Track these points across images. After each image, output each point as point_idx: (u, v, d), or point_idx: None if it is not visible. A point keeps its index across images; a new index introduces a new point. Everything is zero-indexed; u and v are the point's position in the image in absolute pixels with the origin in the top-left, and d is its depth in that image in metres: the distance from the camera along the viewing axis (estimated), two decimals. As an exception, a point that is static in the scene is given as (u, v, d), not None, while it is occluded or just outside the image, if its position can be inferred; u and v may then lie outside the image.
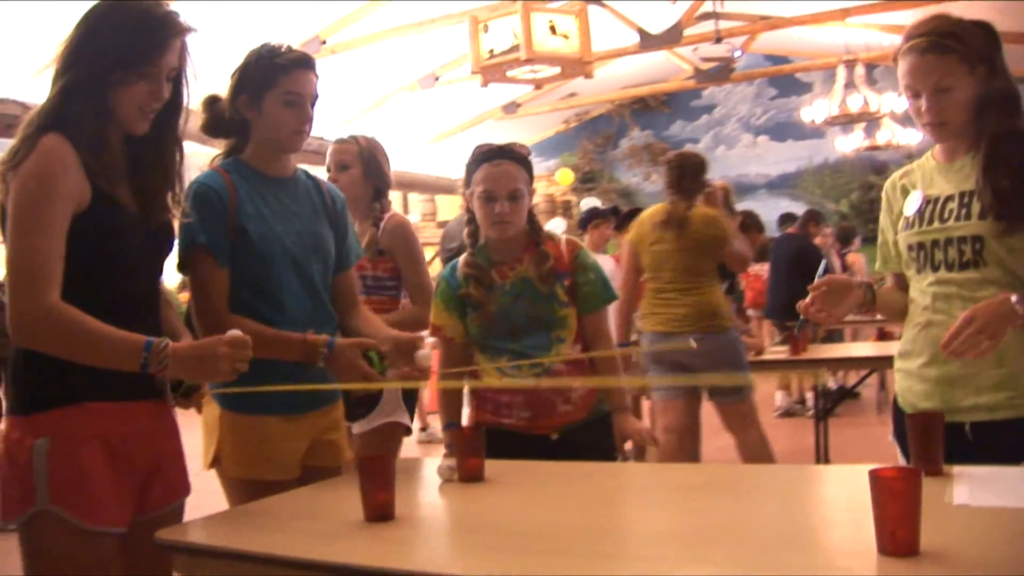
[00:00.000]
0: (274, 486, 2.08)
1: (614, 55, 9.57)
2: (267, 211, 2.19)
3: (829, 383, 7.55)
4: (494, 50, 6.63)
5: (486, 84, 7.11)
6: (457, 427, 2.50)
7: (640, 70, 11.84)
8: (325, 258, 2.28)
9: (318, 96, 2.21)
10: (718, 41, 8.74)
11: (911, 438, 1.80)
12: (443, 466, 2.06)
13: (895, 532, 1.31)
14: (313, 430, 2.24)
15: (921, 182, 2.12)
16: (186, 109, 1.91)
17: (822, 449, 5.38)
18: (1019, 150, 1.96)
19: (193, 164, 2.18)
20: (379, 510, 1.70)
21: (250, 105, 2.19)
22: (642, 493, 2.04)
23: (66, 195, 1.70)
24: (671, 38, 8.68)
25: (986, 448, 1.94)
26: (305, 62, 2.20)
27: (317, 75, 2.21)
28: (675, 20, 8.61)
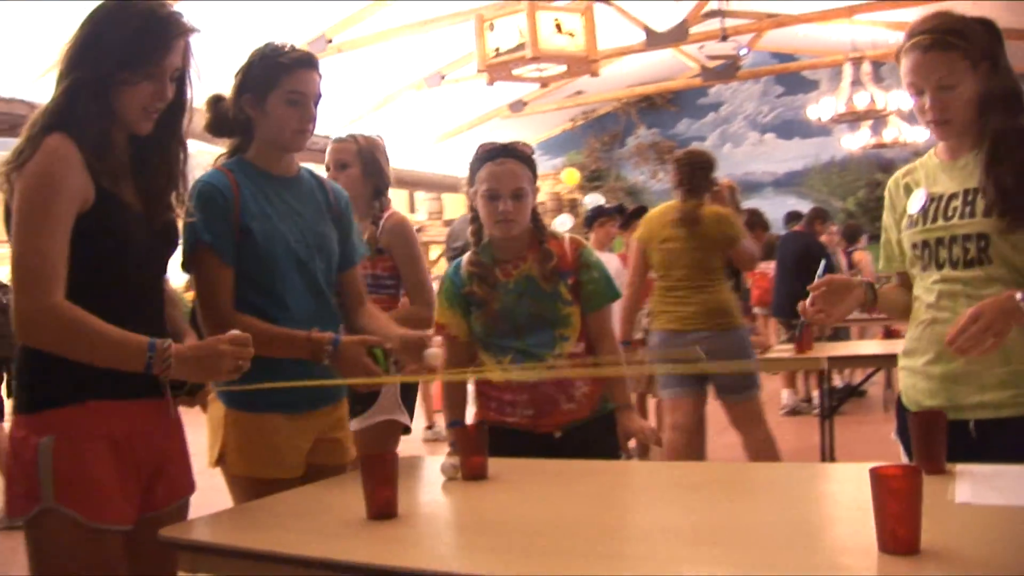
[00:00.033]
0: (278, 484, 2.09)
1: (620, 53, 9.58)
2: (271, 210, 2.19)
3: (835, 381, 7.53)
4: (500, 48, 6.63)
5: (492, 82, 7.12)
6: (461, 425, 2.50)
7: (646, 68, 11.84)
8: (329, 257, 2.29)
9: (321, 95, 2.21)
10: (724, 39, 8.74)
11: (913, 436, 1.80)
12: (446, 464, 2.06)
13: (896, 530, 1.31)
14: (317, 428, 2.25)
15: (925, 180, 2.11)
16: (190, 108, 1.92)
17: (827, 447, 5.37)
18: (1023, 147, 1.96)
19: (199, 163, 2.19)
20: (381, 508, 1.70)
21: (254, 104, 2.19)
22: (646, 491, 2.04)
23: (70, 195, 1.70)
24: (677, 36, 8.67)
25: (991, 446, 1.93)
26: (308, 61, 2.20)
27: (320, 74, 2.22)
28: (681, 18, 8.60)
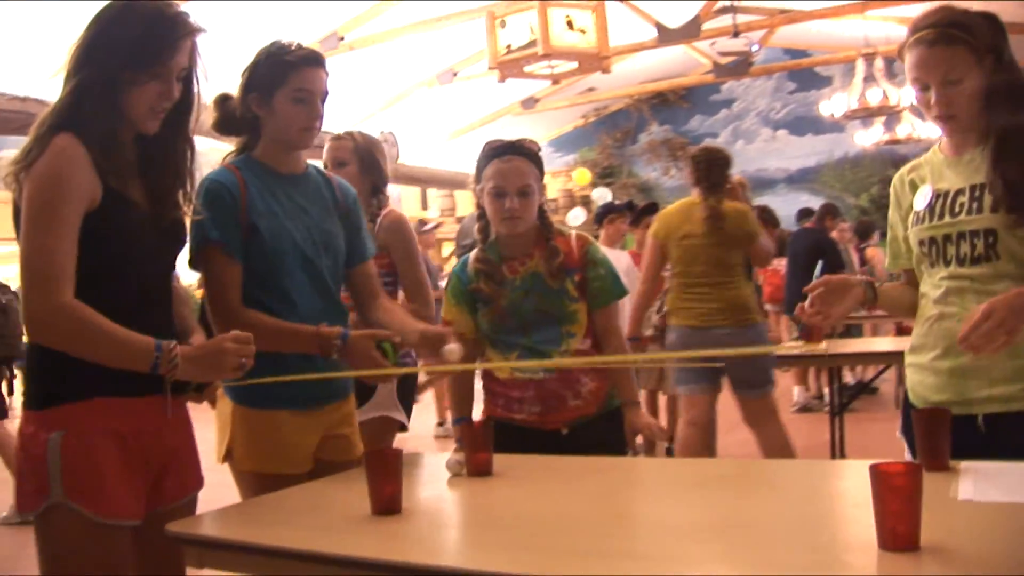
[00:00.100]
0: (285, 480, 2.10)
1: (632, 50, 9.57)
2: (278, 208, 2.20)
3: (847, 378, 7.52)
4: (511, 45, 6.64)
5: (503, 79, 7.13)
6: (468, 422, 2.51)
7: (658, 65, 11.83)
8: (335, 254, 2.30)
9: (328, 93, 2.22)
10: (736, 35, 8.72)
11: (917, 433, 1.80)
12: (452, 460, 2.07)
13: (895, 527, 1.31)
14: (325, 425, 2.26)
15: (930, 176, 2.09)
16: (197, 107, 1.93)
17: (837, 444, 5.36)
18: None
19: (209, 161, 2.21)
20: (386, 504, 1.72)
21: (261, 103, 2.20)
22: (652, 488, 2.04)
23: (78, 194, 1.72)
24: (689, 32, 8.66)
25: (1000, 440, 1.92)
26: (315, 59, 2.21)
27: (327, 72, 2.22)
28: (693, 14, 8.59)
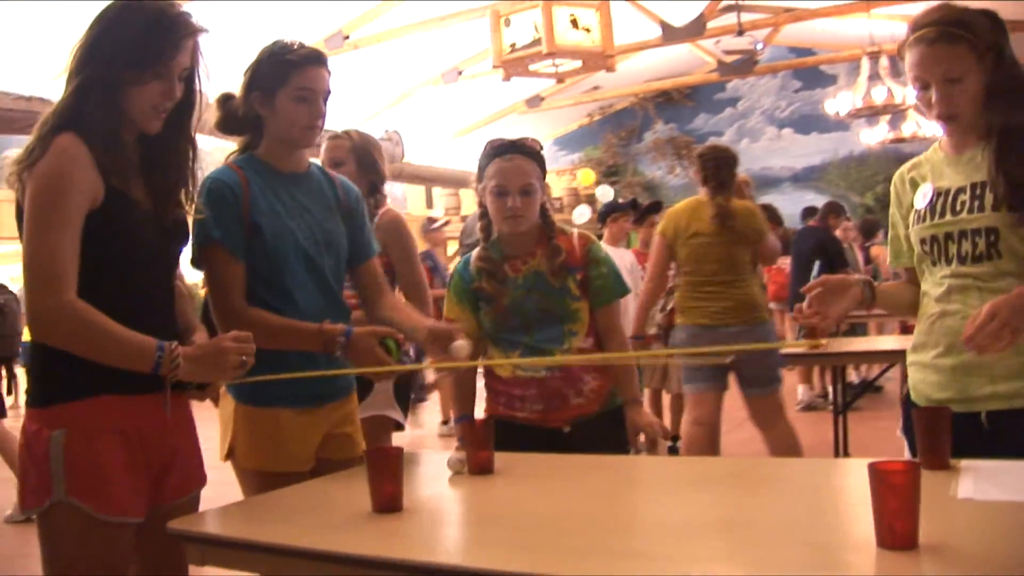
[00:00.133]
0: (287, 478, 2.11)
1: (636, 48, 9.57)
2: (280, 207, 2.20)
3: (851, 377, 7.51)
4: (516, 44, 6.65)
5: (508, 78, 7.14)
6: (470, 420, 2.51)
7: (663, 63, 11.83)
8: (337, 253, 2.30)
9: (330, 91, 2.23)
10: (740, 34, 8.71)
11: (918, 432, 1.80)
12: (453, 459, 2.07)
13: (893, 525, 1.31)
14: (327, 423, 2.27)
15: (930, 174, 2.09)
16: (200, 107, 1.93)
17: (841, 443, 5.36)
18: None
19: (214, 160, 2.21)
20: (387, 502, 1.72)
21: (263, 102, 2.20)
22: (653, 486, 2.04)
23: (80, 193, 1.72)
24: (694, 31, 8.66)
25: (1003, 437, 1.92)
26: (317, 58, 2.21)
27: (329, 71, 2.23)
28: (698, 13, 8.59)
